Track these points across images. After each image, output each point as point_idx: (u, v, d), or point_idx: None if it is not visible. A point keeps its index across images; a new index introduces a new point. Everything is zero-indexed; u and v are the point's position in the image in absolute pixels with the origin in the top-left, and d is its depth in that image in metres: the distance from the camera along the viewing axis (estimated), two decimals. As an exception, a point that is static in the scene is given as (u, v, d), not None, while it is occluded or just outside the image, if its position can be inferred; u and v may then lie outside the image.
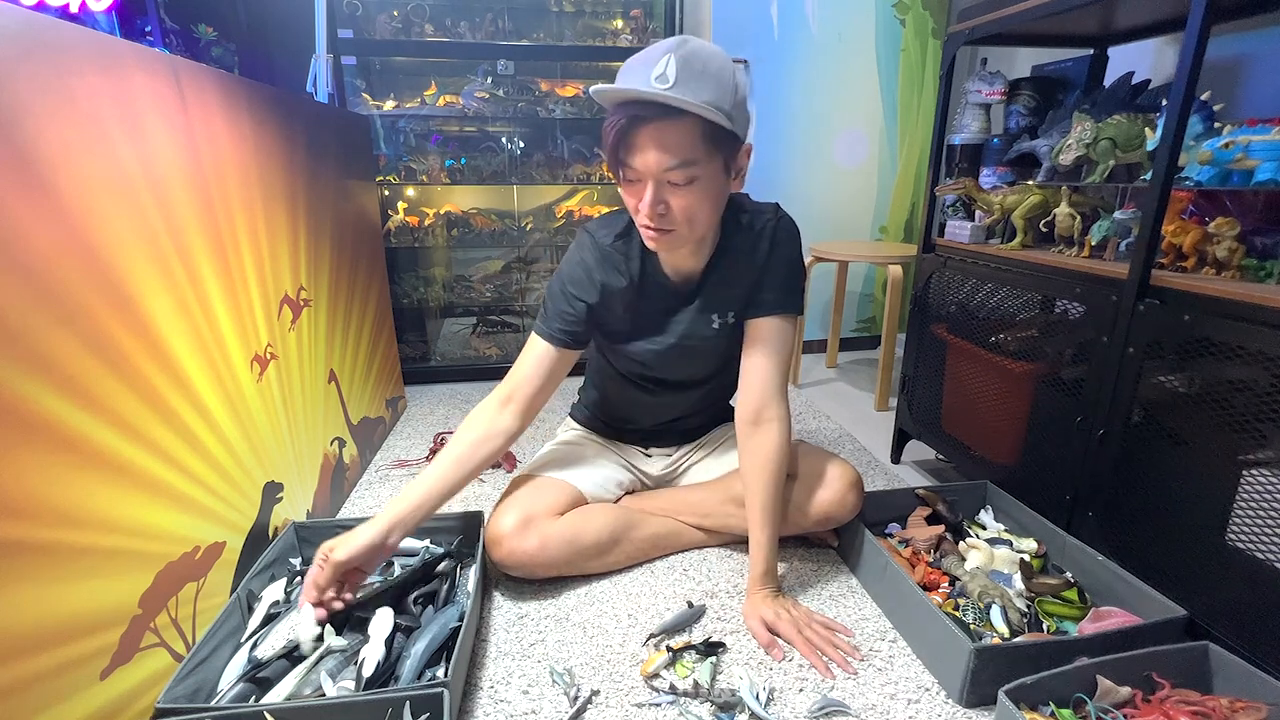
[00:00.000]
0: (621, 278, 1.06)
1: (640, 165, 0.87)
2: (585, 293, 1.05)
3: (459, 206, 2.36)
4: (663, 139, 0.85)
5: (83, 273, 0.70)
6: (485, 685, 0.92)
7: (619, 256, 1.06)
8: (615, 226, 1.06)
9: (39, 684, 0.62)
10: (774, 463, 1.04)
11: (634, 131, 0.86)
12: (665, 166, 0.86)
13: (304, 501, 1.24)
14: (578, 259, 1.07)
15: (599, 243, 1.06)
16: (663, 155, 0.86)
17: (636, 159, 0.87)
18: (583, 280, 1.06)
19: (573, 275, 1.06)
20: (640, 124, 0.85)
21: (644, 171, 0.88)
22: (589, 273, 1.05)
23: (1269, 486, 0.83)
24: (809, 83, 2.35)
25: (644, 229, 0.94)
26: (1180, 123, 0.88)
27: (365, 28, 2.08)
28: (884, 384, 2.03)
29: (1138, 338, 0.96)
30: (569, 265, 1.08)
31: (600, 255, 1.06)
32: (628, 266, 1.06)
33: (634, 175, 0.89)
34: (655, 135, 0.85)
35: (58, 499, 0.66)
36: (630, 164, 0.88)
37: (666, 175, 0.87)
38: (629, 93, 0.84)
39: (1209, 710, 0.75)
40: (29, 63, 0.64)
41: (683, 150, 0.86)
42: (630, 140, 0.86)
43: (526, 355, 1.07)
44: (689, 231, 0.94)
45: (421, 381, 2.24)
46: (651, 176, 0.88)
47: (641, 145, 0.86)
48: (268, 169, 1.15)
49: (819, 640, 0.98)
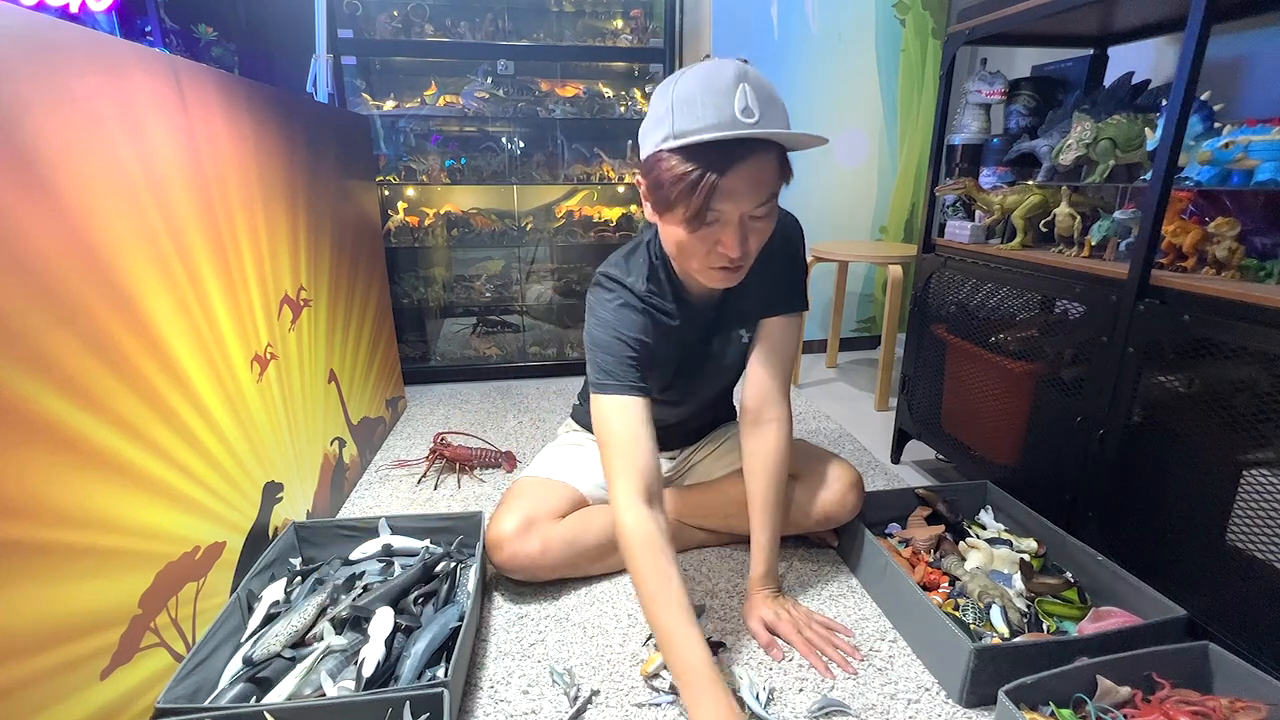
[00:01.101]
0: (670, 319, 1.00)
1: (730, 208, 0.81)
2: (641, 333, 0.96)
3: (459, 206, 2.36)
4: (756, 178, 0.80)
5: (83, 273, 0.70)
6: (485, 685, 0.92)
7: (658, 299, 0.99)
8: (639, 271, 0.99)
9: (39, 684, 0.62)
10: (775, 463, 1.04)
11: (729, 176, 0.78)
12: (757, 204, 0.82)
13: (304, 501, 1.24)
14: (621, 303, 0.97)
15: (635, 291, 0.97)
16: (756, 193, 0.81)
17: (727, 203, 0.80)
18: (634, 323, 0.96)
19: (621, 319, 0.96)
20: (733, 165, 0.78)
21: (731, 213, 0.82)
22: (638, 317, 0.97)
23: (1269, 486, 0.83)
24: (809, 83, 2.35)
25: (718, 270, 0.88)
26: (1180, 123, 0.88)
27: (365, 28, 2.08)
28: (884, 384, 2.03)
29: (1138, 338, 0.96)
30: (612, 313, 0.96)
31: (644, 301, 0.98)
32: (666, 306, 1.00)
33: (717, 218, 0.82)
34: (750, 175, 0.79)
35: (58, 499, 0.66)
36: (718, 207, 0.81)
37: (756, 211, 0.83)
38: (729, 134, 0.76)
39: (1209, 710, 0.75)
40: (29, 63, 0.64)
41: (770, 185, 0.82)
42: (723, 185, 0.79)
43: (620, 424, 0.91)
44: (753, 260, 0.90)
45: (421, 381, 2.24)
46: (740, 216, 0.82)
47: (733, 188, 0.79)
48: (268, 169, 1.15)
49: (819, 640, 0.98)
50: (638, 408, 0.92)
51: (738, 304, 1.04)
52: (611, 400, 0.92)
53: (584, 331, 1.00)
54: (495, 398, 2.12)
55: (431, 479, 1.54)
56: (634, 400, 0.92)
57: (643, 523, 0.86)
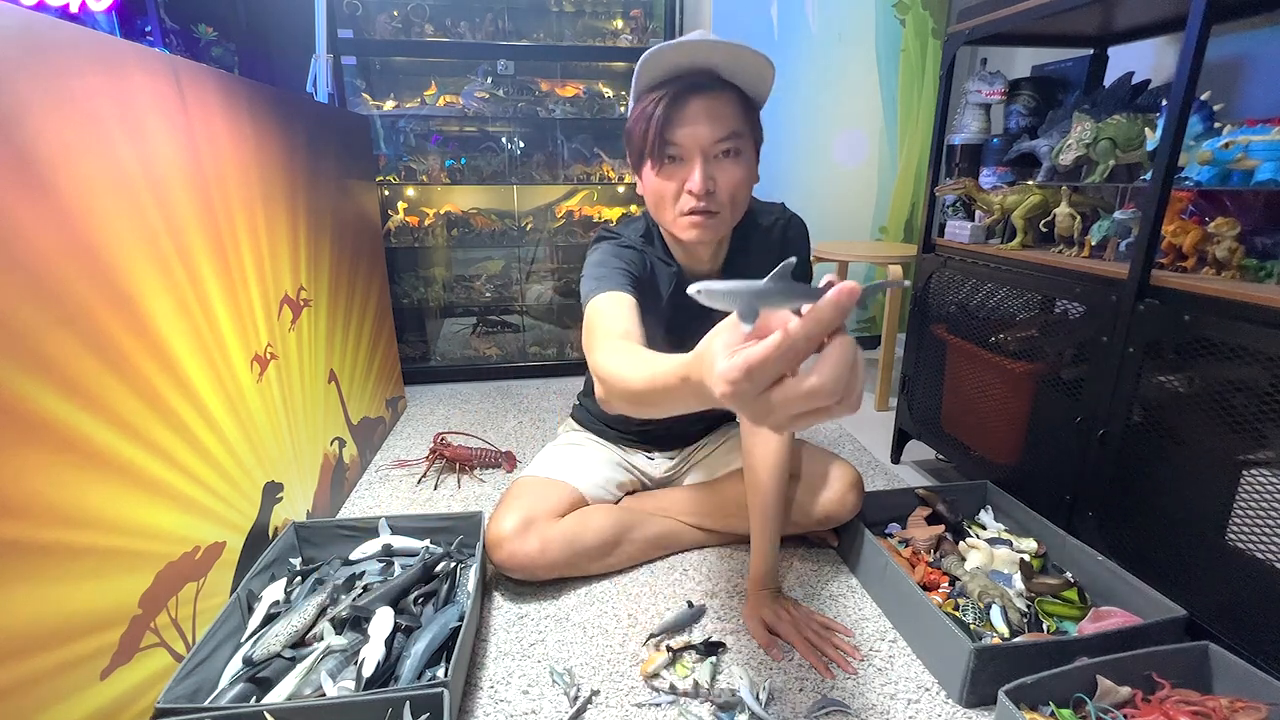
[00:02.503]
0: (667, 265, 1.01)
1: (689, 139, 0.85)
2: (638, 268, 0.97)
3: (459, 206, 2.36)
4: (715, 108, 0.84)
5: (83, 273, 0.70)
6: (485, 685, 0.92)
7: (650, 258, 1.02)
8: (635, 231, 1.02)
9: (39, 684, 0.62)
10: (776, 463, 1.04)
11: (682, 103, 0.83)
12: (718, 136, 0.85)
13: (304, 501, 1.24)
14: (624, 245, 0.99)
15: (631, 242, 1.00)
16: (714, 125, 0.84)
17: (684, 133, 0.84)
18: (634, 258, 0.97)
19: (621, 254, 0.96)
20: (689, 95, 0.83)
21: (692, 146, 0.85)
22: (638, 254, 0.98)
23: (1269, 486, 0.83)
24: (809, 83, 2.35)
25: (688, 216, 0.89)
26: (1180, 123, 0.88)
27: (365, 28, 2.08)
28: (884, 384, 2.03)
29: (1138, 338, 0.96)
30: (612, 250, 0.98)
31: (634, 252, 0.99)
32: (663, 259, 1.02)
33: (679, 153, 0.86)
34: (708, 104, 0.84)
35: (58, 499, 0.66)
36: (676, 140, 0.85)
37: (718, 147, 0.86)
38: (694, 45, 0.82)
39: (1209, 710, 0.75)
40: (29, 63, 0.64)
41: (732, 121, 0.85)
42: (679, 113, 0.84)
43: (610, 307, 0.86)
44: (731, 215, 0.91)
45: (421, 381, 2.24)
46: (700, 150, 0.86)
47: (692, 117, 0.84)
48: (268, 169, 1.15)
49: (819, 640, 0.98)
50: (626, 300, 0.87)
51: None
52: (602, 295, 0.88)
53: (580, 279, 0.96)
54: (495, 398, 2.12)
55: (431, 479, 1.54)
56: (623, 295, 0.88)
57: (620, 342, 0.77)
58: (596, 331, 0.83)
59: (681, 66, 0.85)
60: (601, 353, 0.74)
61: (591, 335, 0.84)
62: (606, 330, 0.82)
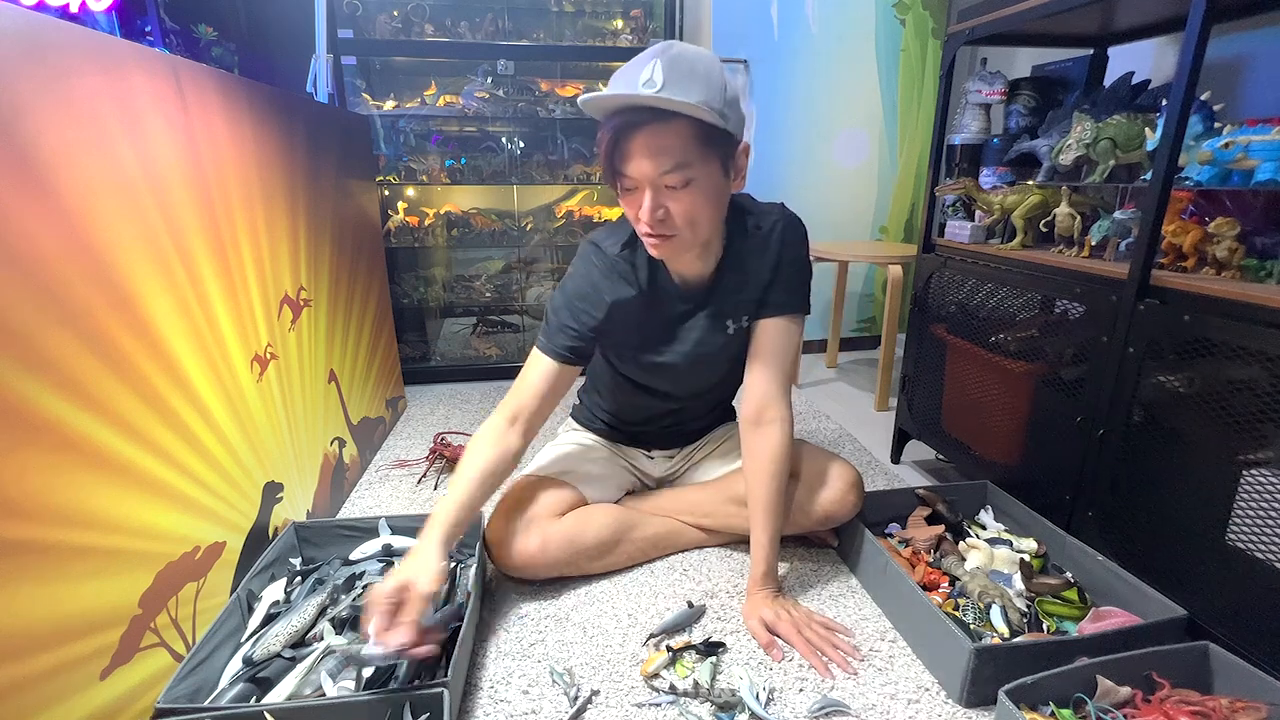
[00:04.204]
0: (630, 288, 1.03)
1: (635, 173, 0.86)
2: (593, 308, 1.02)
3: (459, 206, 2.36)
4: (655, 144, 0.84)
5: (83, 273, 0.70)
6: (485, 685, 0.92)
7: (626, 266, 1.03)
8: (620, 236, 1.04)
9: (39, 684, 0.62)
10: (776, 463, 1.04)
11: (626, 140, 0.85)
12: (661, 170, 0.85)
13: (304, 501, 1.24)
14: (583, 272, 1.04)
15: (605, 253, 1.03)
16: (657, 160, 0.85)
17: (631, 167, 0.86)
18: (590, 295, 1.02)
19: (579, 290, 1.03)
20: (632, 131, 0.84)
21: (640, 179, 0.87)
22: (596, 288, 1.02)
23: (1269, 486, 0.83)
24: (809, 83, 2.35)
25: (646, 237, 0.93)
26: (1180, 123, 0.88)
27: (365, 28, 2.08)
28: (884, 384, 2.03)
29: (1138, 338, 0.96)
30: (575, 280, 1.04)
31: (607, 266, 1.03)
32: (636, 276, 1.03)
33: (630, 184, 0.88)
34: (648, 141, 0.84)
35: (58, 499, 0.66)
36: (625, 173, 0.87)
37: (663, 180, 0.86)
38: (616, 99, 0.83)
39: (1209, 710, 0.75)
40: (29, 63, 0.64)
41: (676, 153, 0.85)
42: (623, 149, 0.85)
43: (529, 372, 1.04)
44: (692, 236, 0.93)
45: (421, 381, 2.24)
46: (648, 183, 0.87)
47: (635, 152, 0.85)
48: (268, 169, 1.15)
49: (819, 641, 0.98)
50: (551, 369, 1.03)
51: (729, 294, 1.05)
52: (537, 356, 1.05)
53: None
54: (495, 398, 2.12)
55: (431, 479, 1.54)
56: (552, 364, 1.03)
57: (491, 426, 1.02)
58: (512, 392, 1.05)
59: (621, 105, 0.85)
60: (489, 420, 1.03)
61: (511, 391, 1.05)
62: (504, 402, 1.04)
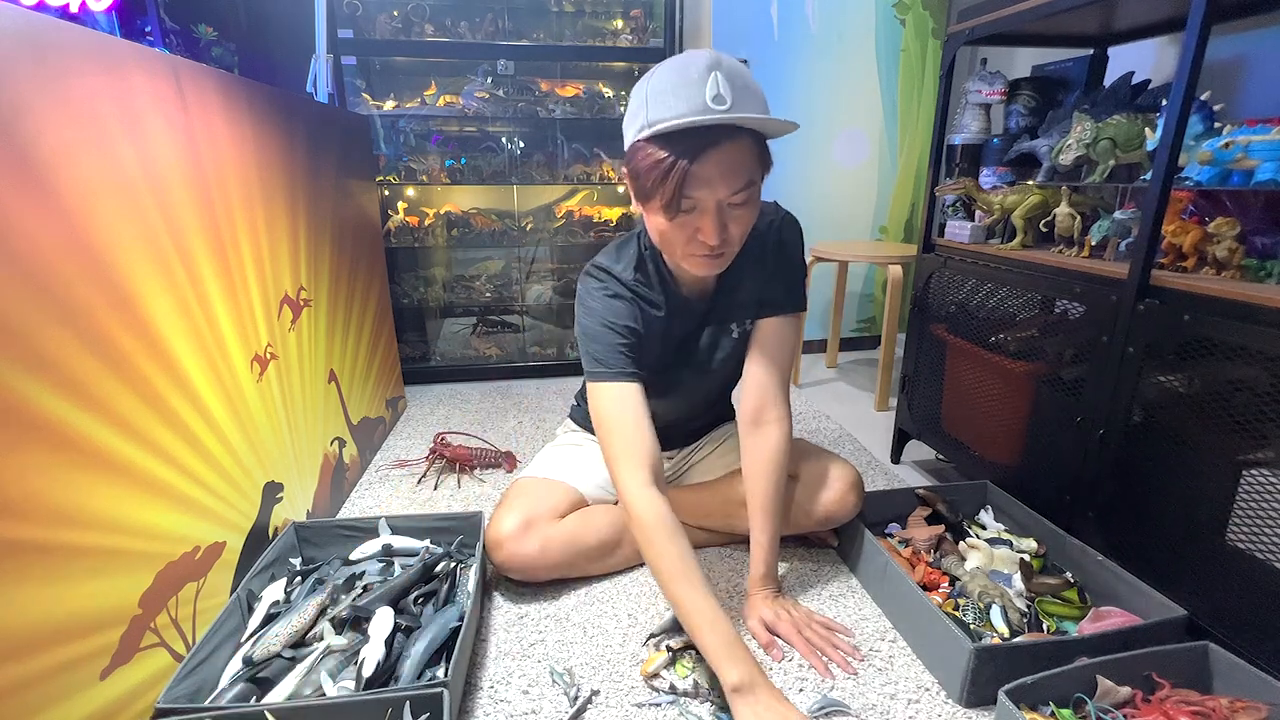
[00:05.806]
0: (653, 308, 1.01)
1: (705, 195, 0.82)
2: (631, 320, 0.97)
3: (459, 206, 2.36)
4: (729, 163, 0.80)
5: (82, 272, 0.70)
6: (485, 685, 0.92)
7: (645, 289, 1.01)
8: (626, 259, 1.01)
9: (39, 684, 0.62)
10: (775, 463, 1.04)
11: (701, 160, 0.79)
12: (733, 190, 0.82)
13: (304, 501, 1.24)
14: (610, 294, 0.98)
15: (621, 279, 0.99)
16: (729, 180, 0.81)
17: (701, 190, 0.81)
18: (622, 311, 0.98)
19: (611, 308, 0.97)
20: (703, 152, 0.79)
21: (708, 200, 0.82)
22: (622, 311, 0.98)
23: (1269, 486, 0.83)
24: (809, 83, 2.35)
25: (698, 257, 0.89)
26: (1180, 123, 0.88)
27: (365, 28, 2.08)
28: (884, 384, 2.03)
29: (1138, 338, 0.96)
30: (598, 308, 0.98)
31: (627, 289, 0.99)
32: (654, 296, 1.01)
33: (693, 205, 0.83)
34: (722, 161, 0.80)
35: (58, 499, 0.66)
36: (692, 195, 0.82)
37: (731, 199, 0.83)
38: (698, 120, 0.77)
39: (1209, 710, 0.75)
40: (29, 63, 0.64)
41: (746, 171, 0.82)
42: (696, 172, 0.80)
43: (614, 410, 0.93)
44: (737, 248, 0.91)
45: (421, 381, 2.24)
46: (714, 202, 0.83)
47: (707, 175, 0.80)
48: (268, 169, 1.15)
49: (819, 641, 0.98)
50: (634, 393, 0.94)
51: (730, 299, 1.05)
52: (608, 388, 0.94)
53: (575, 323, 1.02)
54: (495, 398, 2.12)
55: (431, 479, 1.54)
56: (629, 386, 0.94)
57: (654, 505, 0.89)
58: (614, 440, 0.93)
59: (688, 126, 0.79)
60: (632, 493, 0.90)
61: (609, 440, 0.93)
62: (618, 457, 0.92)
